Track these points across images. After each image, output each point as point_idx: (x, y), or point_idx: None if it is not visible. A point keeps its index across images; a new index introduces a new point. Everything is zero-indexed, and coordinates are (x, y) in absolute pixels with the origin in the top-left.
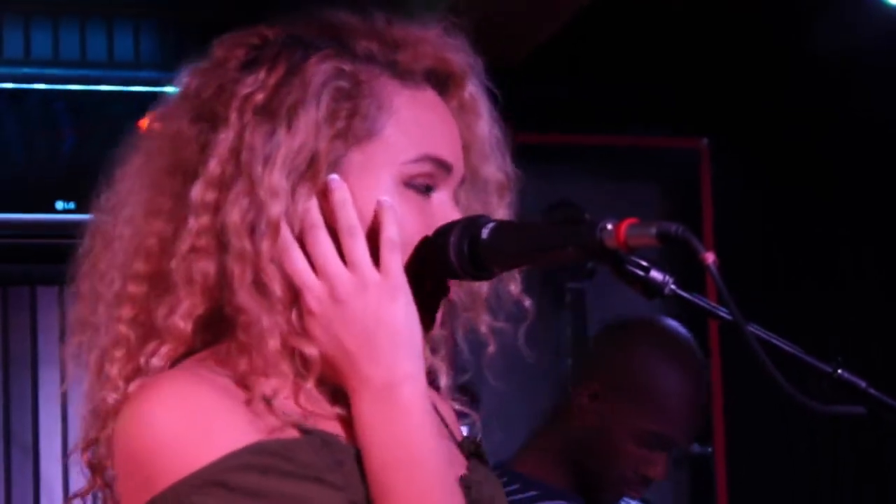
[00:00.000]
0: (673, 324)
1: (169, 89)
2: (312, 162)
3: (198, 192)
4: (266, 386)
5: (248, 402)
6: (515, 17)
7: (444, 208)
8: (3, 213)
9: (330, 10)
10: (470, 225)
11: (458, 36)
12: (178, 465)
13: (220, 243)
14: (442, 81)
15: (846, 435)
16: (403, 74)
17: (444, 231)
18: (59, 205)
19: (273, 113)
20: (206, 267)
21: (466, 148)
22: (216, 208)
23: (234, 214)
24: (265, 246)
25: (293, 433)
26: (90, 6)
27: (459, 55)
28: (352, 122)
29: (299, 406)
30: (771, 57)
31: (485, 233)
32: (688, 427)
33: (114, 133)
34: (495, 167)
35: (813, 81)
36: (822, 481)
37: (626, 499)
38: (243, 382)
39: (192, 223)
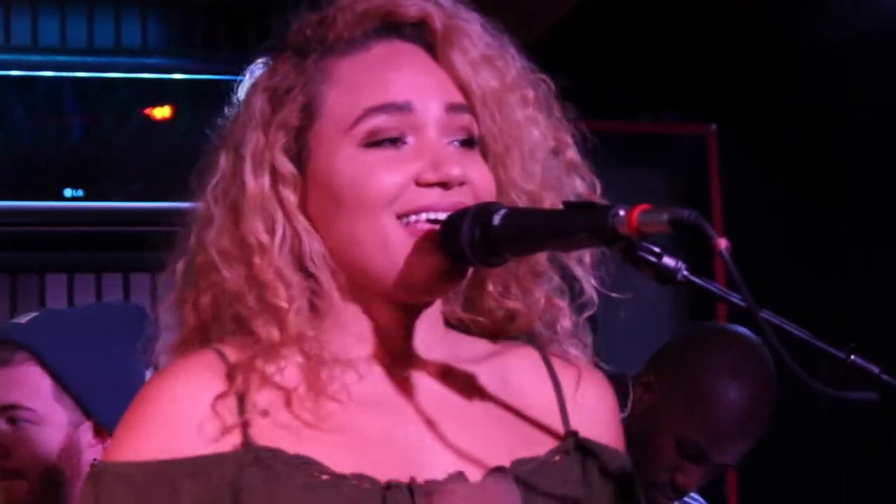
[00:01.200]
0: (762, 348)
1: (176, 76)
2: (273, 165)
3: (192, 234)
4: (253, 390)
5: (221, 397)
6: (521, 2)
7: (421, 149)
8: (11, 200)
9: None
10: (482, 212)
11: None
12: (114, 448)
13: (215, 275)
14: (399, 30)
15: (854, 419)
16: (338, 46)
17: (456, 218)
18: (68, 192)
19: (235, 142)
20: (201, 301)
21: (468, 77)
22: (202, 246)
23: (224, 242)
24: (259, 261)
25: (234, 444)
26: None
27: (408, 1)
28: (291, 114)
29: (276, 415)
30: (779, 44)
31: (496, 219)
32: (731, 449)
33: (122, 120)
34: (490, 78)
35: (821, 68)
36: (827, 465)
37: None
38: (234, 373)
39: (179, 266)
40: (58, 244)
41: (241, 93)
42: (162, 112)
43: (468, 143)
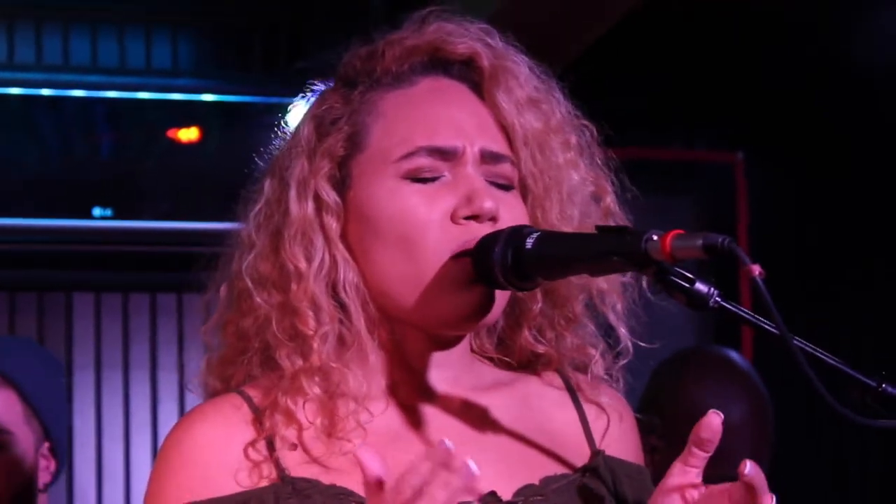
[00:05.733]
0: (731, 357)
1: (206, 97)
2: (317, 192)
3: (235, 261)
4: (281, 426)
5: (252, 444)
6: (552, 30)
7: (456, 183)
8: (40, 218)
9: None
10: (514, 235)
11: (470, 23)
12: (153, 494)
13: (257, 308)
14: (446, 67)
15: (879, 447)
16: (385, 79)
17: (488, 242)
18: (97, 211)
19: (281, 168)
20: (242, 324)
21: (511, 117)
22: (241, 272)
23: (262, 268)
24: (296, 287)
25: (271, 478)
26: (129, 14)
27: (458, 39)
28: (336, 143)
29: (305, 449)
30: (806, 71)
31: (529, 243)
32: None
33: (151, 140)
34: (534, 119)
35: (848, 95)
36: (851, 492)
37: None
38: (262, 418)
39: (223, 290)
40: (86, 263)
41: (290, 121)
42: (192, 132)
43: (506, 188)
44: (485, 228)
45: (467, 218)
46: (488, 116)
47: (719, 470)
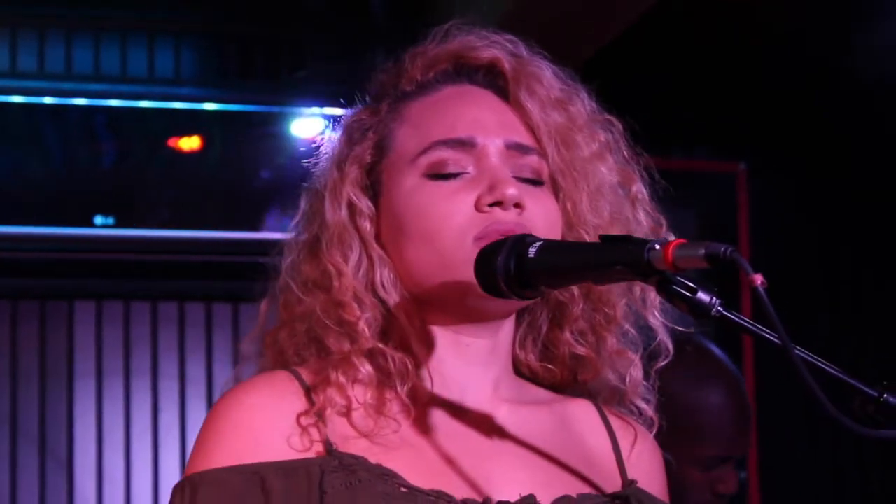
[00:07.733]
0: (696, 342)
1: (208, 106)
2: (349, 198)
3: (283, 267)
4: (332, 400)
5: (303, 414)
6: (553, 41)
7: (480, 176)
8: (42, 226)
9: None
10: (517, 244)
11: (494, 33)
12: (201, 458)
13: (296, 307)
14: (470, 75)
15: (879, 456)
16: (410, 88)
17: (491, 251)
18: (99, 219)
19: (316, 183)
20: (280, 334)
21: (536, 117)
22: (286, 283)
23: (305, 272)
24: (338, 284)
25: (318, 451)
26: (131, 23)
27: (481, 46)
28: (364, 151)
29: (354, 426)
30: (808, 82)
31: (532, 251)
32: (740, 438)
33: (154, 148)
34: (558, 116)
35: (851, 107)
36: (851, 501)
37: None
38: (312, 394)
39: (262, 305)
40: (87, 271)
41: (294, 131)
42: (194, 141)
43: (535, 182)
44: (510, 215)
45: (492, 206)
46: (513, 116)
47: (705, 451)
